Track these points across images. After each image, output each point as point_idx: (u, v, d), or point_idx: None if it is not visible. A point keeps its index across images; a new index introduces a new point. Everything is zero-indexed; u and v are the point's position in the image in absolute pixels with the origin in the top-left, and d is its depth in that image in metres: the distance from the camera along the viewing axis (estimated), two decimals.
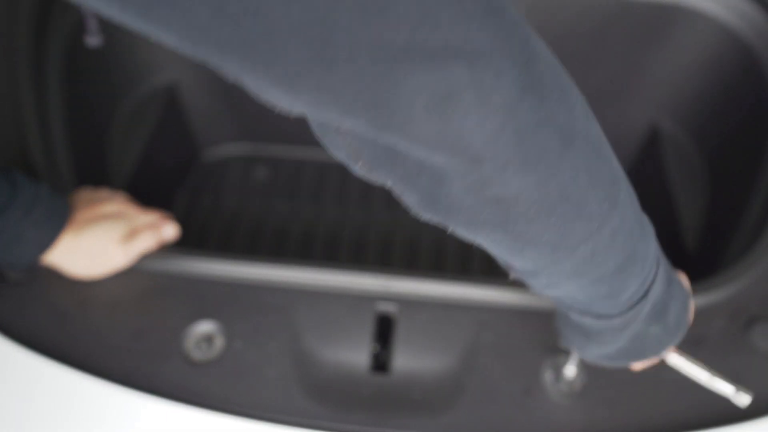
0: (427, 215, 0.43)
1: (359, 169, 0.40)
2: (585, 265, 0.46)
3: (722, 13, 0.93)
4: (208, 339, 0.69)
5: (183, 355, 0.68)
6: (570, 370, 0.67)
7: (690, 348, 0.67)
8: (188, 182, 1.21)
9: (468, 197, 0.39)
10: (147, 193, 0.94)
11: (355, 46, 0.31)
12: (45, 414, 0.64)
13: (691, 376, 0.64)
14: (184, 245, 0.79)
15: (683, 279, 0.61)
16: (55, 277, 0.71)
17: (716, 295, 0.72)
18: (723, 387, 0.63)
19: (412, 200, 0.42)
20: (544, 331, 0.70)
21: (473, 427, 0.66)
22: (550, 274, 0.47)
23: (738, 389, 0.62)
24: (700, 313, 0.70)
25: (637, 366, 0.63)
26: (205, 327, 0.70)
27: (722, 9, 0.93)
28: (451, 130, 0.35)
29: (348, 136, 0.38)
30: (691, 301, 0.60)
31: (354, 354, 0.69)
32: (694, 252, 0.98)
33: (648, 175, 1.11)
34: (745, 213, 0.86)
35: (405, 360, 0.69)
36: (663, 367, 0.64)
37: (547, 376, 0.68)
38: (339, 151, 0.40)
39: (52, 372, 0.66)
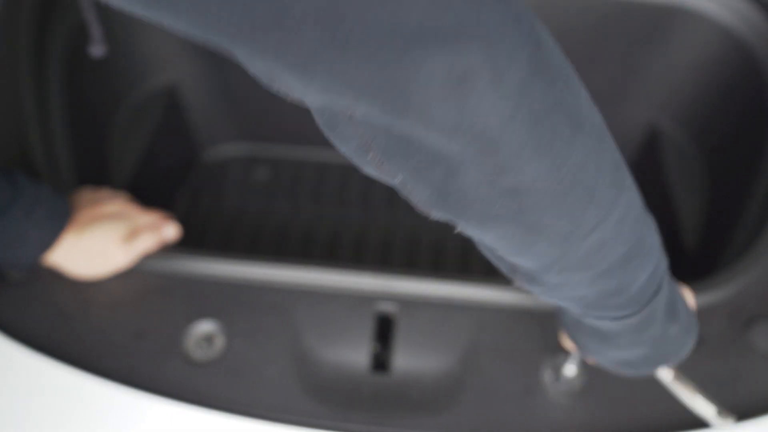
0: (437, 212, 0.42)
1: (370, 161, 0.40)
2: (593, 255, 0.46)
3: (721, 14, 0.93)
4: (209, 339, 0.69)
5: (183, 355, 0.68)
6: (570, 370, 0.67)
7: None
8: (189, 182, 1.21)
9: (482, 188, 0.39)
10: (148, 194, 0.94)
11: (368, 28, 0.31)
12: (47, 413, 0.65)
13: (675, 393, 0.64)
14: (184, 245, 0.79)
15: (682, 285, 0.61)
16: (56, 277, 0.72)
17: (715, 294, 0.72)
18: (704, 409, 0.62)
19: (422, 196, 0.41)
20: (544, 331, 0.70)
21: (473, 426, 0.66)
22: (559, 270, 0.47)
23: (720, 412, 0.62)
24: (699, 312, 0.70)
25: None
26: (205, 327, 0.70)
27: (721, 9, 0.93)
28: (467, 113, 0.35)
29: (360, 125, 0.37)
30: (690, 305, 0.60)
31: (354, 354, 0.70)
32: (694, 252, 0.98)
33: (647, 175, 1.11)
34: (744, 213, 0.86)
35: (405, 360, 0.69)
36: None
37: (547, 375, 0.68)
38: (349, 143, 0.39)
39: (53, 372, 0.66)
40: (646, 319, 0.53)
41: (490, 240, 0.45)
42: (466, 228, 0.44)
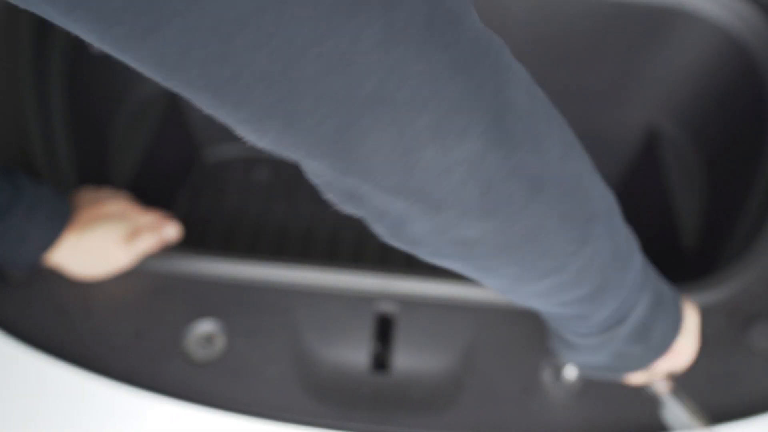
0: (395, 244, 0.43)
1: (331, 198, 0.41)
2: (550, 292, 0.47)
3: (720, 15, 0.93)
4: (209, 338, 0.70)
5: (184, 355, 0.68)
6: (569, 370, 0.68)
7: None
8: (189, 182, 1.22)
9: (430, 237, 0.40)
10: (148, 194, 0.94)
11: (318, 97, 0.31)
12: (48, 412, 0.65)
13: (669, 410, 0.64)
14: (185, 245, 0.79)
15: (690, 311, 0.60)
16: (57, 277, 0.72)
17: (714, 294, 0.72)
18: (689, 424, 0.62)
19: (380, 232, 0.43)
20: (543, 331, 0.70)
21: (472, 426, 0.66)
22: (519, 294, 0.48)
23: (706, 426, 0.62)
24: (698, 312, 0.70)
25: (631, 380, 0.63)
26: (206, 326, 0.70)
27: (720, 11, 0.93)
28: (414, 180, 0.35)
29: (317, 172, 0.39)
30: (690, 333, 0.60)
31: (354, 353, 0.70)
32: (693, 252, 0.99)
33: (646, 176, 1.11)
34: (743, 212, 0.86)
35: (405, 359, 0.70)
36: None
37: (546, 375, 0.69)
38: (313, 179, 0.41)
39: (54, 371, 0.66)
40: (605, 341, 0.54)
41: (450, 269, 0.46)
42: (425, 260, 0.45)
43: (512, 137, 0.37)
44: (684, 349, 0.60)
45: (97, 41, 0.30)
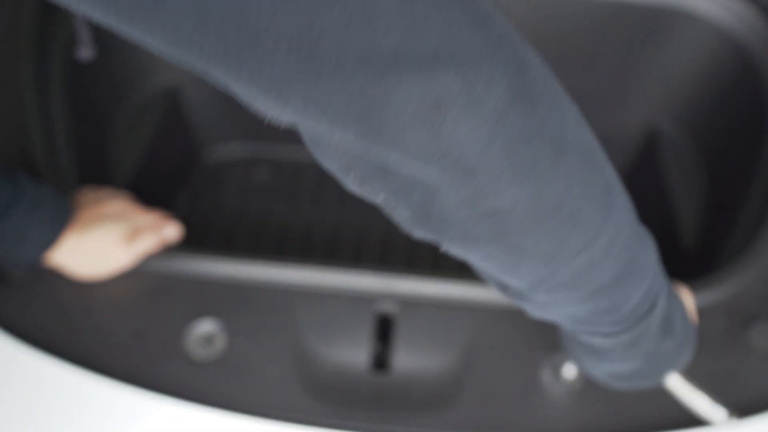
0: (419, 231, 0.42)
1: (351, 181, 0.40)
2: (582, 276, 0.45)
3: (719, 16, 0.93)
4: (210, 338, 0.70)
5: (184, 354, 0.68)
6: (568, 370, 0.68)
7: None
8: (190, 182, 1.22)
9: (462, 211, 0.39)
10: (149, 194, 0.94)
11: (342, 54, 0.30)
12: (48, 412, 0.65)
13: (687, 402, 0.63)
14: (185, 245, 0.79)
15: (684, 291, 0.61)
16: (57, 277, 0.72)
17: (714, 293, 0.72)
18: (713, 412, 0.62)
19: (404, 215, 0.41)
20: (543, 331, 0.70)
21: (472, 425, 0.66)
22: (548, 289, 0.46)
23: (731, 414, 0.62)
24: (698, 312, 0.70)
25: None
26: (206, 326, 0.70)
27: (719, 11, 0.93)
28: (443, 140, 0.34)
29: (340, 147, 0.37)
30: (693, 318, 0.60)
31: (354, 353, 0.70)
32: (692, 251, 0.99)
33: (646, 175, 1.11)
34: (742, 212, 0.86)
35: (405, 359, 0.70)
36: None
37: (546, 375, 0.69)
38: (331, 162, 0.39)
39: (55, 370, 0.66)
40: (638, 336, 0.53)
41: (475, 260, 0.44)
42: (450, 247, 0.43)
43: (534, 93, 0.36)
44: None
45: (102, 16, 0.29)
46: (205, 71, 0.32)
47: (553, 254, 0.43)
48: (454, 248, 0.43)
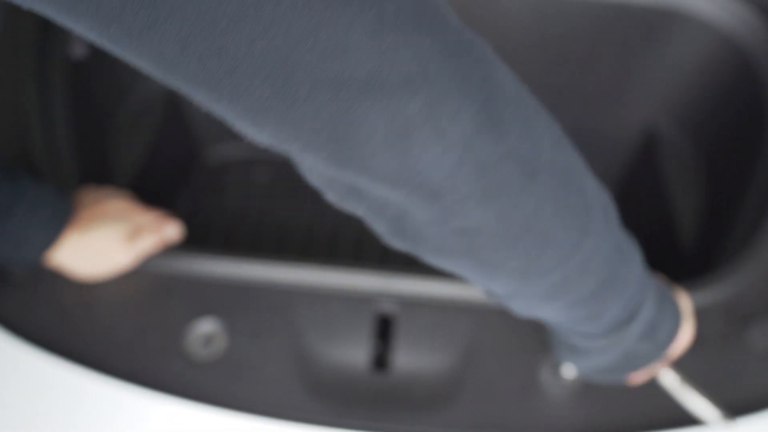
0: (397, 243, 0.43)
1: (331, 197, 0.41)
2: (558, 289, 0.46)
3: (718, 17, 0.93)
4: (210, 337, 0.70)
5: (185, 353, 0.69)
6: (567, 369, 0.68)
7: (687, 347, 0.67)
8: (190, 182, 1.22)
9: (432, 228, 0.40)
10: (150, 193, 0.95)
11: (315, 84, 0.32)
12: (50, 411, 0.65)
13: (682, 401, 0.64)
14: (186, 245, 0.79)
15: (682, 297, 0.61)
16: (59, 277, 0.72)
17: (712, 293, 0.73)
18: (710, 413, 0.63)
19: (381, 229, 0.43)
20: (543, 330, 0.70)
21: (472, 424, 0.66)
22: (525, 296, 0.48)
23: (725, 416, 0.62)
24: (696, 311, 0.70)
25: (635, 380, 0.63)
26: (207, 325, 0.70)
27: (718, 12, 0.93)
28: (409, 165, 0.36)
29: (315, 168, 0.39)
30: (687, 319, 0.60)
31: (354, 352, 0.70)
32: (690, 251, 0.99)
33: (645, 175, 1.12)
34: (741, 211, 0.86)
35: (405, 358, 0.70)
36: None
37: (545, 374, 0.69)
38: (312, 178, 0.41)
39: (56, 369, 0.66)
40: (617, 341, 0.54)
41: (452, 269, 0.46)
42: (427, 259, 0.45)
43: (503, 121, 0.37)
44: (683, 335, 0.60)
45: (96, 39, 0.31)
46: (188, 95, 0.33)
47: (525, 270, 0.44)
48: (430, 260, 0.45)
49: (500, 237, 0.41)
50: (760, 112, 0.90)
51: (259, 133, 0.35)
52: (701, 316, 0.71)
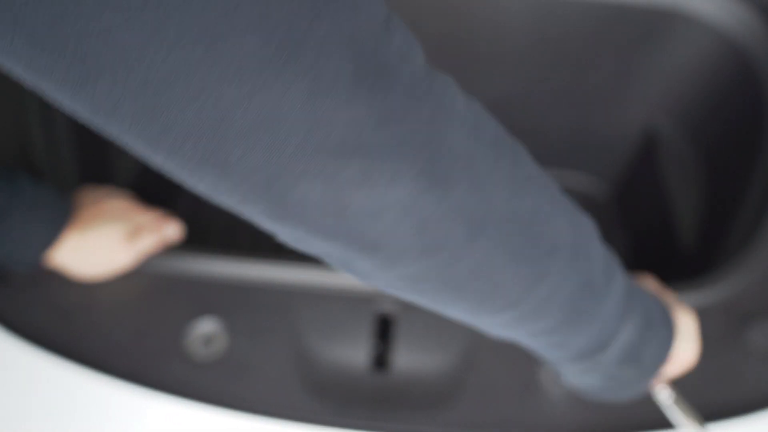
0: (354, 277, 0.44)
1: (282, 239, 0.41)
2: (511, 325, 0.46)
3: (718, 17, 0.94)
4: (210, 337, 0.70)
5: (185, 354, 0.69)
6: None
7: None
8: None
9: (377, 272, 0.40)
10: (150, 193, 0.95)
11: (248, 147, 0.32)
12: (50, 410, 0.65)
13: (670, 418, 0.64)
14: (186, 244, 0.79)
15: (685, 316, 0.60)
16: (59, 277, 0.72)
17: (712, 293, 0.73)
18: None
19: (336, 266, 0.43)
20: None
21: (472, 424, 0.66)
22: (482, 326, 0.47)
23: None
24: (696, 311, 0.70)
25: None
26: (207, 325, 0.70)
27: (718, 12, 0.93)
28: (345, 225, 0.36)
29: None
30: (688, 339, 0.59)
31: (355, 352, 0.70)
32: (690, 250, 0.99)
33: (645, 175, 1.12)
34: (740, 211, 0.86)
35: (405, 358, 0.70)
36: None
37: (546, 374, 0.69)
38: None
39: (56, 369, 0.66)
40: (591, 367, 0.53)
41: None
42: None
43: (447, 180, 0.37)
44: (684, 355, 0.59)
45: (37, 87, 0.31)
46: (127, 145, 0.34)
47: (476, 311, 0.44)
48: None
49: (444, 285, 0.41)
50: (760, 112, 0.90)
51: (197, 185, 0.35)
52: (701, 315, 0.71)
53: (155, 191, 1.03)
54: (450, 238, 0.38)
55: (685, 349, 0.59)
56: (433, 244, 0.38)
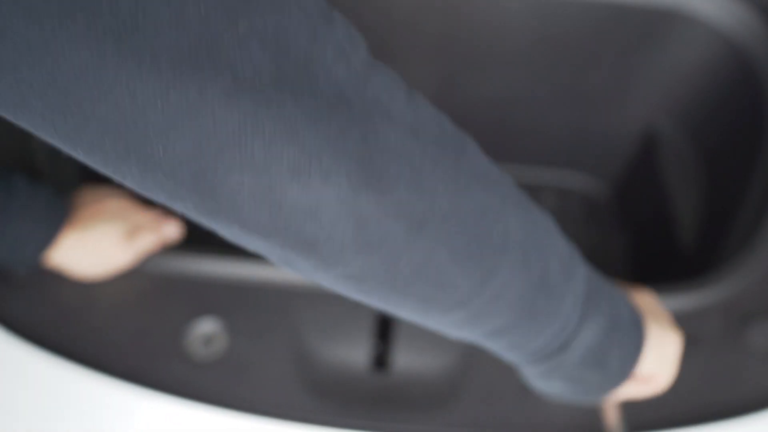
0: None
1: (226, 238, 0.40)
2: (463, 324, 0.45)
3: (718, 17, 0.94)
4: (210, 337, 0.70)
5: (185, 353, 0.69)
6: None
7: (686, 347, 0.67)
8: None
9: (318, 273, 0.39)
10: None
11: (170, 146, 0.31)
12: (49, 410, 0.65)
13: (603, 416, 0.64)
14: (186, 244, 0.79)
15: (669, 335, 0.57)
16: (58, 277, 0.72)
17: (712, 292, 0.73)
18: None
19: (278, 264, 0.42)
20: None
21: (472, 423, 0.66)
22: (435, 326, 0.47)
23: None
24: (695, 312, 0.70)
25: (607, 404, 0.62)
26: (207, 325, 0.70)
27: (718, 12, 0.93)
28: (281, 221, 0.35)
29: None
30: (666, 359, 0.57)
31: (355, 352, 0.70)
32: (690, 250, 0.99)
33: (645, 175, 1.12)
34: (740, 211, 0.86)
35: (405, 358, 0.70)
36: None
37: None
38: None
39: (56, 369, 0.66)
40: (551, 369, 0.52)
41: None
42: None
43: (384, 178, 0.36)
44: (658, 376, 0.57)
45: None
46: (46, 140, 0.33)
47: (425, 311, 0.43)
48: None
49: (388, 284, 0.40)
50: (760, 113, 0.90)
51: (123, 181, 0.34)
52: (701, 315, 0.71)
53: None
54: (389, 237, 0.38)
55: (660, 371, 0.56)
56: (371, 243, 0.37)
